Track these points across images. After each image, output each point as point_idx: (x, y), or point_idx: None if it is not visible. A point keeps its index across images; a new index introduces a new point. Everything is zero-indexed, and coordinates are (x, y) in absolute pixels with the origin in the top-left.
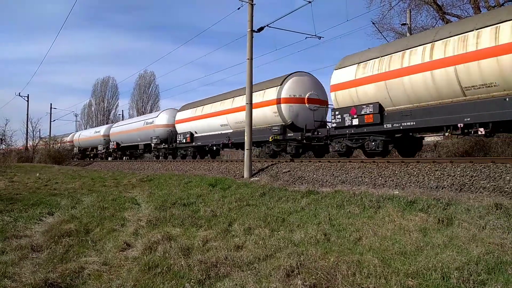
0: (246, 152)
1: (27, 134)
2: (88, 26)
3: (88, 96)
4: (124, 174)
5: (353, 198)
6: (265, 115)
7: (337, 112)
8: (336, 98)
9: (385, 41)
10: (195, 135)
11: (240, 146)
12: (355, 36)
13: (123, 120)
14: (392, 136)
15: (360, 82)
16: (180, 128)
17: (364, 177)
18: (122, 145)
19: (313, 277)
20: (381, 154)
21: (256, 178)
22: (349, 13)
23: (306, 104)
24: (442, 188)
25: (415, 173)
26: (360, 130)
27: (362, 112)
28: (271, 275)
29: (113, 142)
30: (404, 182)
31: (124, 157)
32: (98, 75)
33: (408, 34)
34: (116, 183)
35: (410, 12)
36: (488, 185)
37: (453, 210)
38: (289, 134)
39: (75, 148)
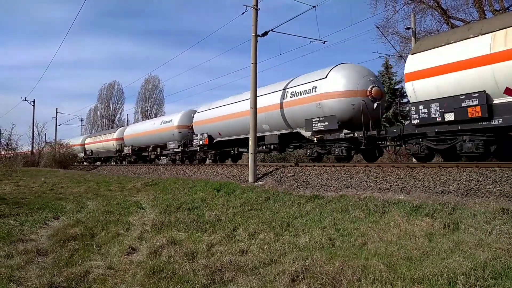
0: (250, 157)
1: (32, 139)
2: (94, 32)
3: (94, 100)
4: (129, 178)
5: (358, 203)
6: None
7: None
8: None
9: (389, 46)
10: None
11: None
12: (359, 40)
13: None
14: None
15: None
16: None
17: (369, 181)
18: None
19: (318, 282)
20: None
21: (261, 183)
22: (353, 18)
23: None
24: (448, 193)
25: (421, 177)
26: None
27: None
28: (276, 280)
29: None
30: (409, 187)
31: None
32: (104, 80)
33: (412, 39)
34: (121, 187)
35: (415, 16)
36: (495, 189)
37: (459, 215)
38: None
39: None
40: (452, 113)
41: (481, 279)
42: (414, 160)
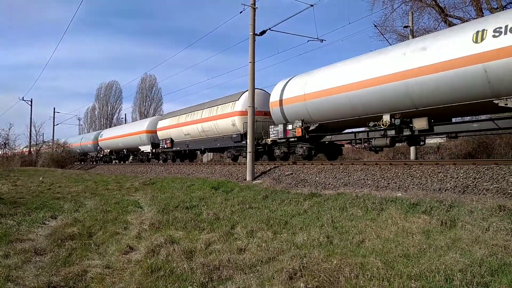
0: (248, 155)
1: (30, 138)
2: (91, 31)
3: (91, 100)
4: (127, 177)
5: (356, 201)
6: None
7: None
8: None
9: (387, 44)
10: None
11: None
12: (357, 38)
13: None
14: None
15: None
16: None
17: (367, 179)
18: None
19: (316, 279)
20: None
21: (259, 181)
22: (351, 16)
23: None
24: (445, 190)
25: (418, 175)
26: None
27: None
28: (274, 278)
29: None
30: (407, 184)
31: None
32: (101, 80)
33: (410, 37)
34: (119, 186)
35: (412, 14)
36: (492, 187)
37: (456, 212)
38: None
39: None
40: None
41: (478, 276)
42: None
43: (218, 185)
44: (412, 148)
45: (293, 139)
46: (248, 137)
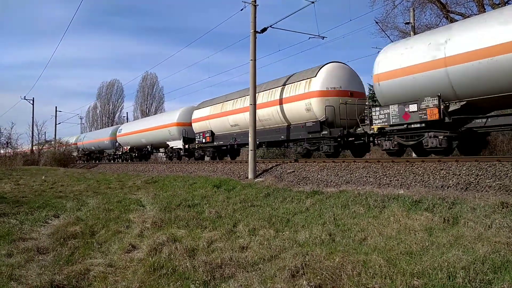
0: (250, 153)
1: (32, 137)
2: (93, 30)
3: (93, 99)
4: (129, 176)
5: (358, 198)
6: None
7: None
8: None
9: (388, 40)
10: None
11: None
12: (358, 35)
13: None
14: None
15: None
16: None
17: (369, 176)
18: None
19: (318, 277)
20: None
21: (261, 179)
22: (352, 13)
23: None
24: (448, 187)
25: (420, 172)
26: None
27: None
28: (276, 276)
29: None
30: (409, 182)
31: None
32: (103, 78)
33: (412, 33)
34: (121, 185)
35: (414, 10)
36: (494, 183)
37: (458, 209)
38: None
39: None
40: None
41: (480, 273)
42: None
43: (220, 183)
44: None
45: (419, 125)
46: (250, 134)
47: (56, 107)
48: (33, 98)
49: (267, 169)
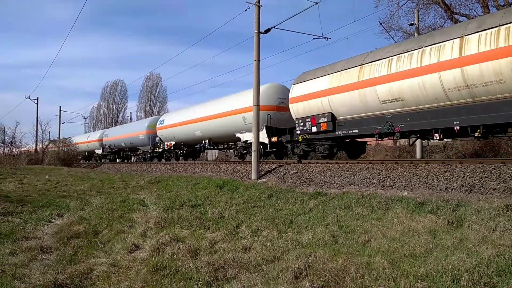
0: (253, 154)
1: (36, 137)
2: (97, 30)
3: (96, 98)
4: (132, 176)
5: (361, 200)
6: None
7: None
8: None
9: (392, 41)
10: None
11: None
12: (362, 36)
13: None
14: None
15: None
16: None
17: (373, 178)
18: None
19: (321, 279)
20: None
21: (264, 180)
22: (356, 14)
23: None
24: (452, 190)
25: (424, 174)
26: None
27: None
28: (279, 277)
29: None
30: (413, 184)
31: None
32: (106, 78)
33: (416, 34)
34: (125, 185)
35: (418, 12)
36: (499, 186)
37: (462, 212)
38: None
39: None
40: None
41: (485, 276)
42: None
43: (223, 183)
44: (418, 147)
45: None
46: (253, 136)
47: (60, 106)
48: (38, 97)
49: (270, 170)
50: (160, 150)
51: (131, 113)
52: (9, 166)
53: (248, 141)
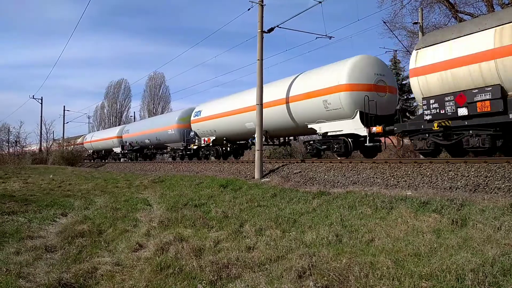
0: (256, 153)
1: (41, 136)
2: (100, 30)
3: (100, 98)
4: (136, 175)
5: (365, 199)
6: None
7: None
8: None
9: (396, 41)
10: None
11: None
12: (366, 35)
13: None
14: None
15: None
16: None
17: (376, 177)
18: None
19: (325, 278)
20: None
21: (267, 179)
22: (360, 13)
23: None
24: (456, 189)
25: (428, 173)
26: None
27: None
28: (282, 276)
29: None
30: (417, 183)
31: None
32: (110, 78)
33: (420, 33)
34: (129, 184)
35: (422, 10)
36: (503, 185)
37: (467, 211)
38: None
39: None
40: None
41: (490, 276)
42: (421, 156)
43: (227, 183)
44: None
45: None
46: (256, 134)
47: (64, 106)
48: (42, 97)
49: (274, 169)
50: (195, 147)
51: (134, 112)
52: (14, 165)
53: (329, 133)
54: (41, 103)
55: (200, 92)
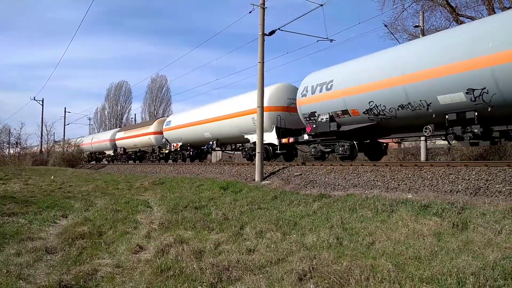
0: (257, 156)
1: (41, 138)
2: (103, 31)
3: (101, 100)
4: (137, 177)
5: (366, 202)
6: None
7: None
8: None
9: (397, 43)
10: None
11: None
12: (367, 38)
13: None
14: None
15: None
16: None
17: (377, 180)
18: None
19: (326, 281)
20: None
21: (268, 182)
22: (361, 16)
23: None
24: (457, 192)
25: (429, 176)
26: None
27: None
28: (283, 279)
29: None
30: (417, 186)
31: None
32: (112, 79)
33: (421, 36)
34: (129, 186)
35: (423, 14)
36: (504, 189)
37: (468, 215)
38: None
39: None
40: None
41: (490, 279)
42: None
43: (227, 185)
44: (422, 149)
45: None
46: (257, 137)
47: (65, 108)
48: (43, 98)
49: (274, 172)
50: (167, 151)
51: (135, 114)
52: (14, 166)
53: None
54: (42, 105)
55: (201, 94)
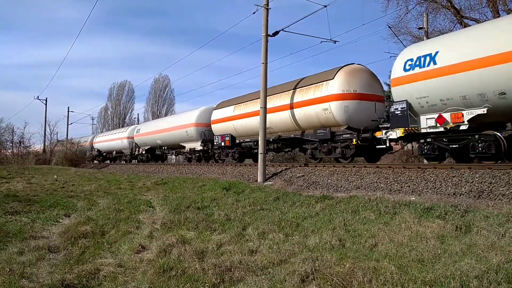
0: (260, 156)
1: (44, 137)
2: (106, 31)
3: (105, 99)
4: (139, 177)
5: (369, 204)
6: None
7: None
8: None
9: (401, 45)
10: None
11: None
12: (371, 40)
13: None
14: None
15: None
16: None
17: (380, 182)
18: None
19: (328, 283)
20: None
21: (270, 183)
22: (365, 17)
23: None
24: (460, 195)
25: (432, 179)
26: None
27: None
28: (285, 280)
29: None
30: (420, 188)
31: None
32: (115, 79)
33: (425, 38)
34: (131, 185)
35: (427, 16)
36: (508, 192)
37: (471, 217)
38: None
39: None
40: None
41: (494, 283)
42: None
43: (230, 186)
44: None
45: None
46: (260, 137)
47: (68, 107)
48: (46, 98)
49: (277, 173)
50: (137, 153)
51: (138, 114)
52: (18, 165)
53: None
54: (46, 104)
55: (204, 94)
